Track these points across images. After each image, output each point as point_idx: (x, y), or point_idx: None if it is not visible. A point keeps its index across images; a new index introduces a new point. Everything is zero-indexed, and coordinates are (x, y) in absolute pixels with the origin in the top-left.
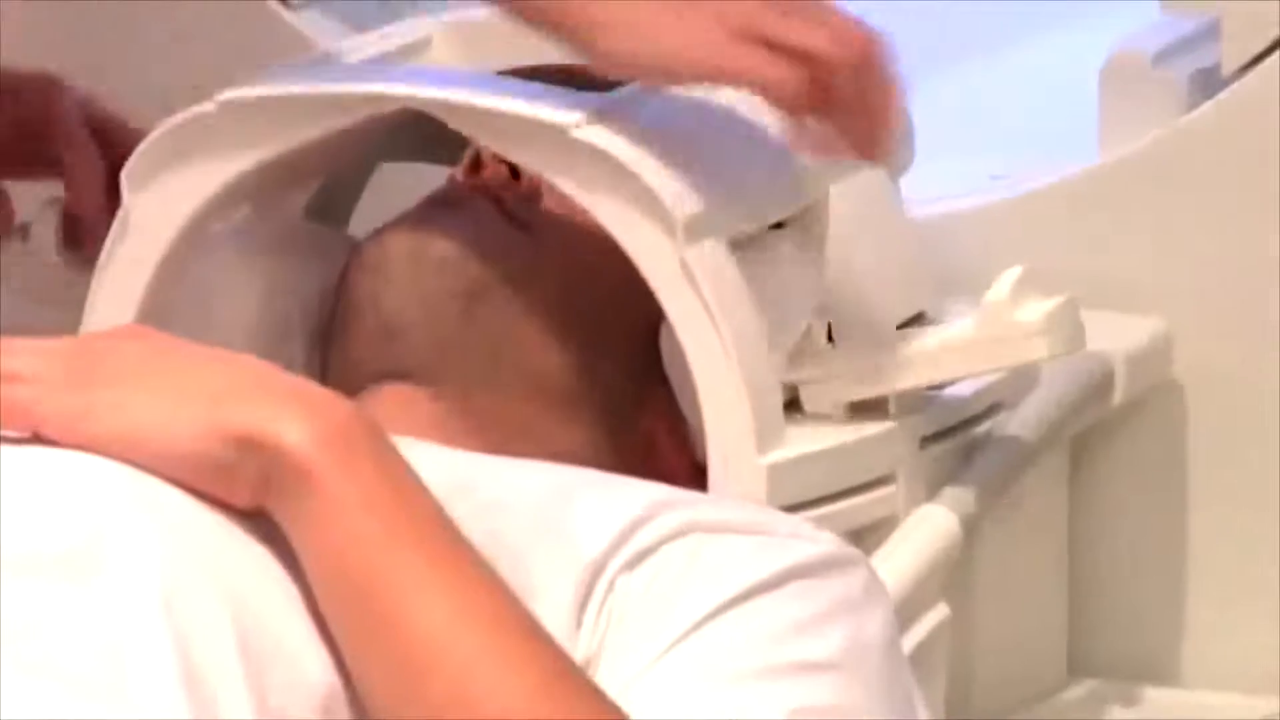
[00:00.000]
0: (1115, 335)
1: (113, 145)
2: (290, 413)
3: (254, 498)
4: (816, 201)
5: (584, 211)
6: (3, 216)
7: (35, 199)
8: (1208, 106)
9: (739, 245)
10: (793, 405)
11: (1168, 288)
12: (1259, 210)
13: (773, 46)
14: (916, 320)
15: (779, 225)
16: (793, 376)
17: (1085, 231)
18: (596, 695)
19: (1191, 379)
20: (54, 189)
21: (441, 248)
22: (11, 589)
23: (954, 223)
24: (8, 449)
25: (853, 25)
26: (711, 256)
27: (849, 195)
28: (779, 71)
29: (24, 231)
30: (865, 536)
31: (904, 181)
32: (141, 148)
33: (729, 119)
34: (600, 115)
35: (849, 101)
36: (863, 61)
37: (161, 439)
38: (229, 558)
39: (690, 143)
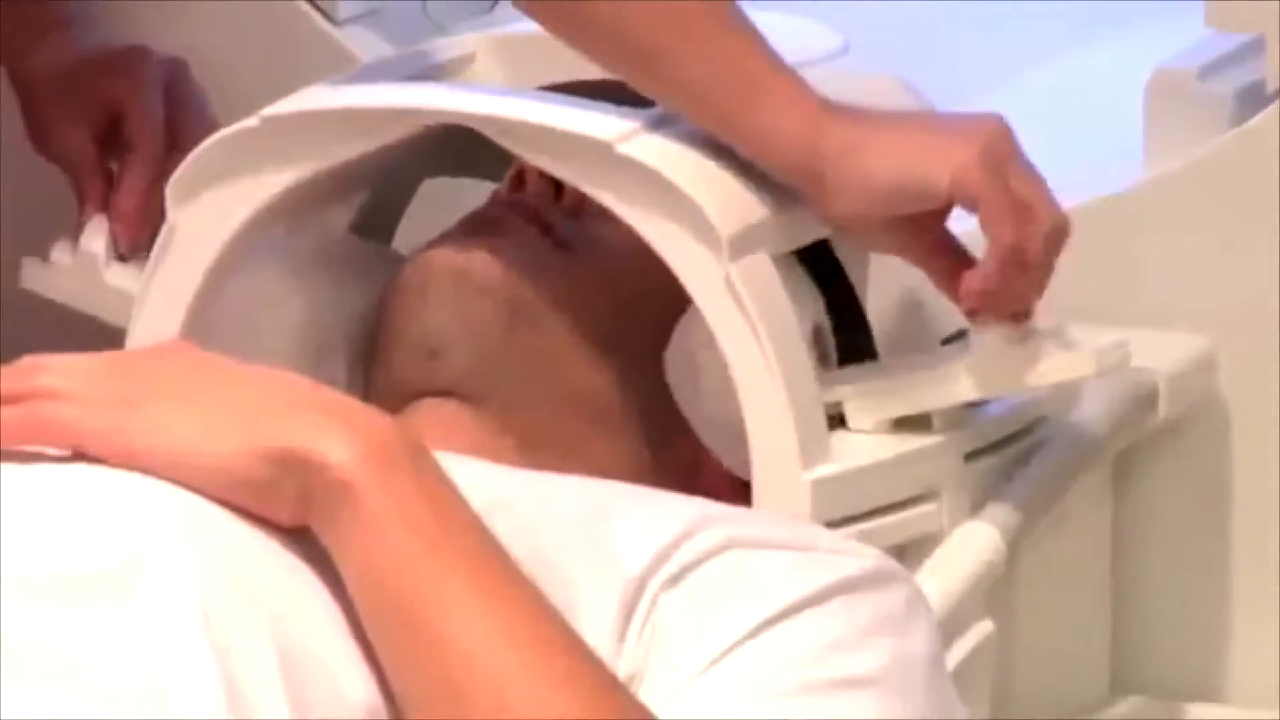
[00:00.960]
0: (1159, 352)
1: (184, 125)
2: (332, 430)
3: (295, 515)
4: None
5: (628, 227)
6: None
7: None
8: (1253, 122)
9: (780, 261)
10: (837, 420)
11: (1212, 304)
12: None
13: (1004, 182)
14: (961, 336)
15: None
16: (837, 393)
17: (1129, 247)
18: (640, 711)
19: (1235, 396)
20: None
21: (482, 269)
22: (53, 610)
23: None
24: (50, 466)
25: (1055, 202)
26: (756, 272)
27: None
28: (1005, 207)
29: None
30: (909, 552)
31: None
32: (186, 163)
33: None
34: (644, 130)
35: (1032, 264)
36: (1060, 234)
37: (202, 456)
38: (269, 575)
39: (736, 157)
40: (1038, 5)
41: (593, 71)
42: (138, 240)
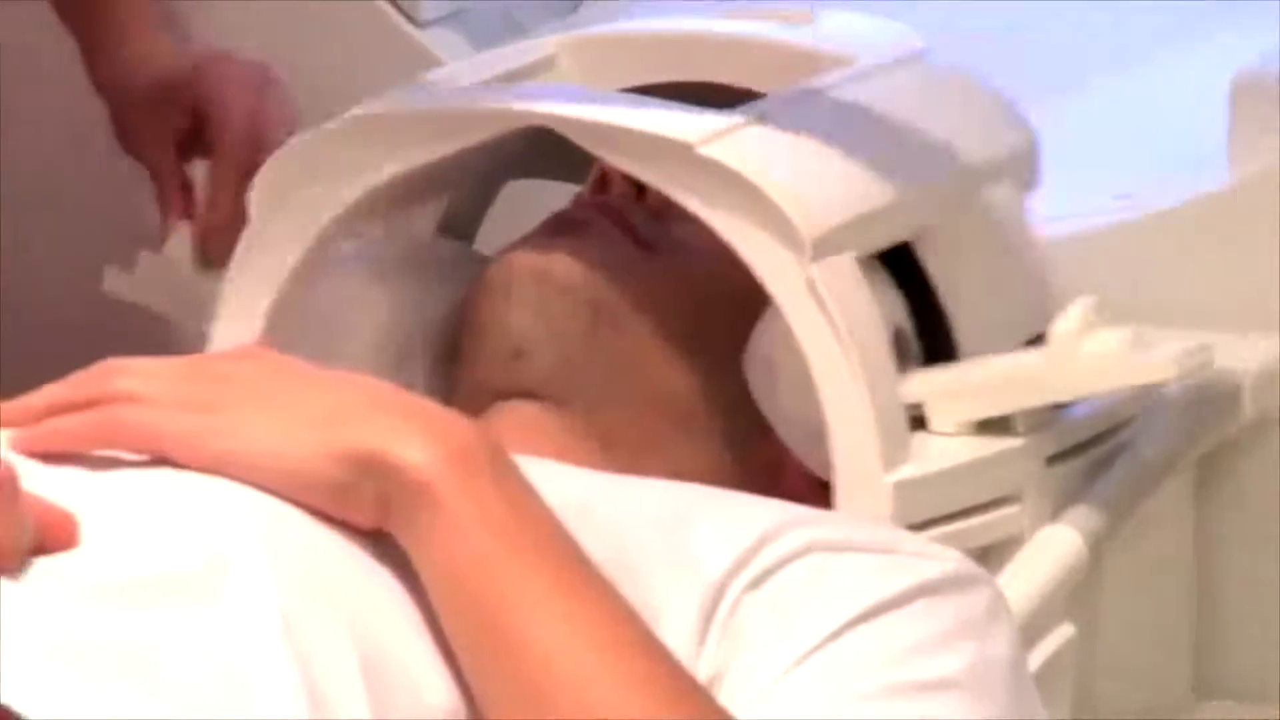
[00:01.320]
0: (1242, 354)
1: (269, 130)
2: (411, 432)
3: (374, 518)
4: (946, 218)
5: (710, 229)
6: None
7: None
8: None
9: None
10: (918, 422)
11: None
12: None
13: None
14: (1040, 339)
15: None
16: (918, 394)
17: (1212, 249)
18: (720, 714)
19: None
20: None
21: (566, 269)
22: (133, 612)
23: (1078, 242)
24: (130, 471)
25: None
26: (839, 274)
27: (981, 211)
28: None
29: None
30: (990, 555)
31: (1029, 200)
32: (268, 165)
33: (859, 136)
34: (727, 132)
35: None
36: None
37: (281, 459)
38: (349, 578)
39: (819, 158)
40: (1122, 6)
41: (675, 74)
42: (225, 246)
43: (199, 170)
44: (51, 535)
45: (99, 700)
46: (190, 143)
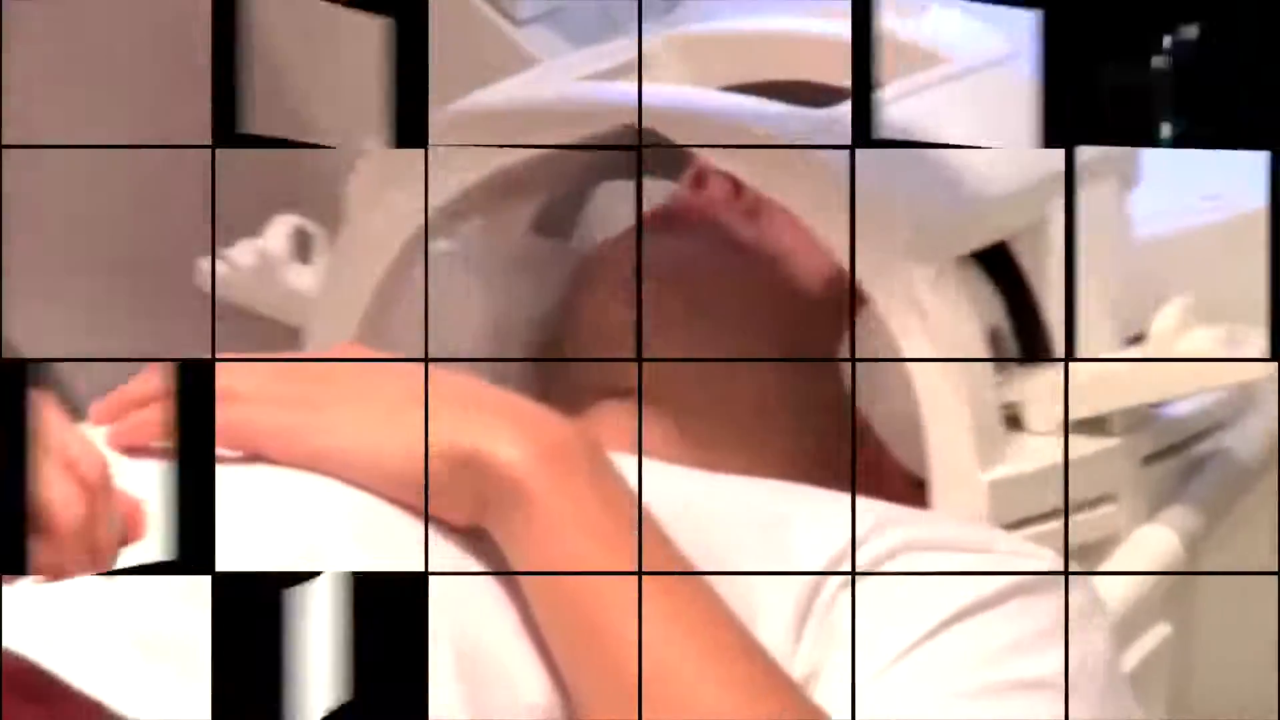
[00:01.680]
0: None
1: None
2: (506, 430)
3: (469, 515)
4: (1042, 218)
5: (805, 226)
6: None
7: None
8: None
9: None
10: (1014, 422)
11: None
12: None
13: None
14: (1137, 339)
15: None
16: (1015, 394)
17: None
18: (817, 713)
19: None
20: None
21: (662, 268)
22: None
23: (1168, 243)
24: (225, 467)
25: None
26: (935, 273)
27: (1083, 211)
28: None
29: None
30: (1086, 555)
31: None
32: (364, 163)
33: (955, 135)
34: (823, 131)
35: None
36: None
37: (376, 458)
38: (445, 576)
39: (918, 160)
40: None
41: (773, 72)
42: None
43: None
44: (140, 531)
45: (190, 697)
46: None
